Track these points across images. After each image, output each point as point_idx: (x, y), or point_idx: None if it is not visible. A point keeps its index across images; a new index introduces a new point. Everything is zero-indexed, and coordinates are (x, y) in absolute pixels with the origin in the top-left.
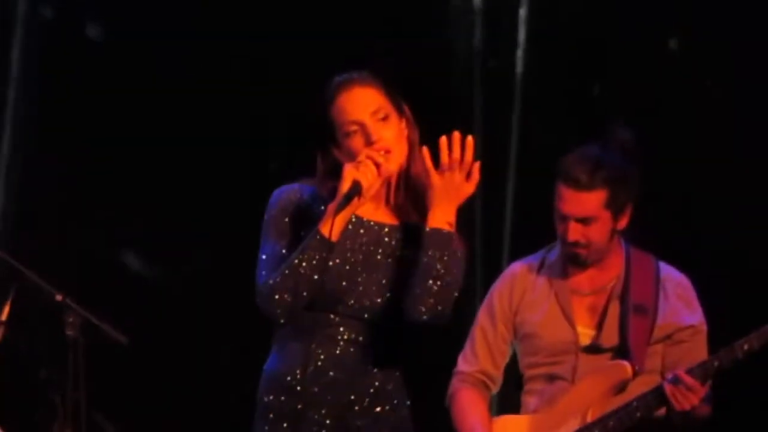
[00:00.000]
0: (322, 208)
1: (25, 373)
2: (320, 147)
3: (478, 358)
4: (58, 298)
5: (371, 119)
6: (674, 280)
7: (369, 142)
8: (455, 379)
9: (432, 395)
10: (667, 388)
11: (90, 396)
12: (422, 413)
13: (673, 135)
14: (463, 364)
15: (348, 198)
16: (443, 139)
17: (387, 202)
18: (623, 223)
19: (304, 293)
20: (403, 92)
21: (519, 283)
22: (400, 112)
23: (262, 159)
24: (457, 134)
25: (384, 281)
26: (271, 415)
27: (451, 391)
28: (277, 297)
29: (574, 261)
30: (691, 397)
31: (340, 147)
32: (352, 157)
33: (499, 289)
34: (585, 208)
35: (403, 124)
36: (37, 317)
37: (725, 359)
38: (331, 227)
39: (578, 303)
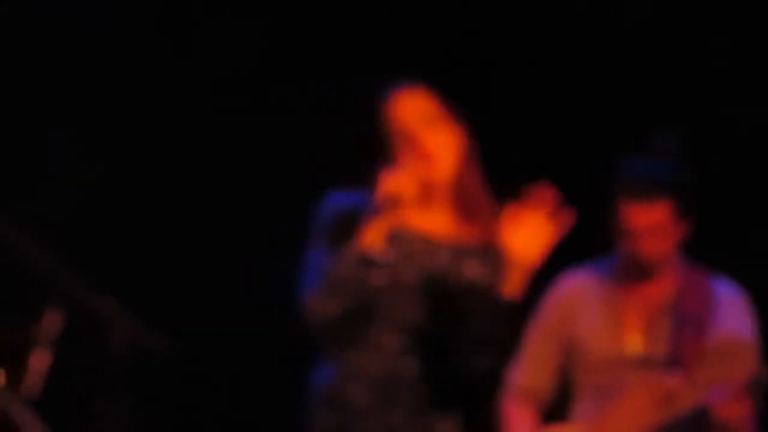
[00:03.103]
0: None
1: (69, 384)
2: (373, 154)
3: (529, 370)
4: (105, 305)
5: (417, 126)
6: (728, 294)
7: (414, 148)
8: (504, 390)
9: (482, 406)
10: (712, 400)
11: (134, 407)
12: (472, 425)
13: None
14: (513, 376)
15: (383, 208)
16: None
17: (439, 214)
18: (686, 232)
19: (342, 306)
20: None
21: (570, 295)
22: (452, 122)
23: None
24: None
25: (431, 294)
26: (319, 430)
27: (500, 403)
28: (314, 310)
29: (640, 274)
30: (735, 410)
31: (390, 153)
32: (399, 163)
33: (550, 300)
34: (653, 220)
35: (455, 134)
36: (82, 326)
37: None
38: (366, 239)
39: (629, 315)
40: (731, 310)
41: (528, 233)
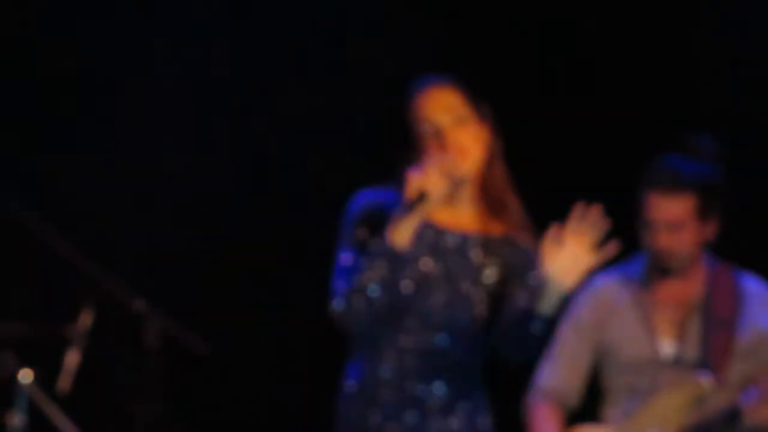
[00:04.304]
0: None
1: (104, 382)
2: (401, 149)
3: (559, 372)
4: (139, 304)
5: (447, 121)
6: (757, 291)
7: (442, 144)
8: (533, 392)
9: (511, 407)
10: (743, 401)
11: (169, 406)
12: (501, 426)
13: None
14: (542, 377)
15: (412, 206)
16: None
17: (466, 209)
18: (710, 233)
19: (375, 304)
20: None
21: (602, 296)
22: (480, 118)
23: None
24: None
25: (460, 291)
26: (350, 430)
27: (527, 404)
28: (348, 309)
29: (660, 270)
30: (766, 411)
31: (418, 149)
32: (427, 159)
33: (582, 301)
34: (673, 213)
35: (483, 130)
36: (117, 324)
37: None
38: (397, 236)
39: (660, 316)
40: (760, 307)
41: (569, 258)
